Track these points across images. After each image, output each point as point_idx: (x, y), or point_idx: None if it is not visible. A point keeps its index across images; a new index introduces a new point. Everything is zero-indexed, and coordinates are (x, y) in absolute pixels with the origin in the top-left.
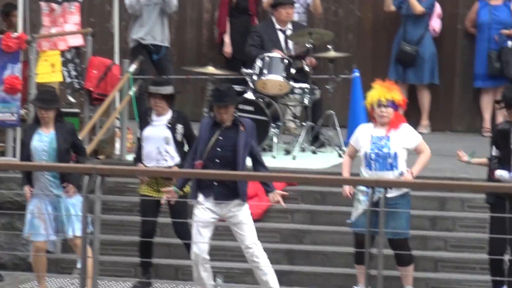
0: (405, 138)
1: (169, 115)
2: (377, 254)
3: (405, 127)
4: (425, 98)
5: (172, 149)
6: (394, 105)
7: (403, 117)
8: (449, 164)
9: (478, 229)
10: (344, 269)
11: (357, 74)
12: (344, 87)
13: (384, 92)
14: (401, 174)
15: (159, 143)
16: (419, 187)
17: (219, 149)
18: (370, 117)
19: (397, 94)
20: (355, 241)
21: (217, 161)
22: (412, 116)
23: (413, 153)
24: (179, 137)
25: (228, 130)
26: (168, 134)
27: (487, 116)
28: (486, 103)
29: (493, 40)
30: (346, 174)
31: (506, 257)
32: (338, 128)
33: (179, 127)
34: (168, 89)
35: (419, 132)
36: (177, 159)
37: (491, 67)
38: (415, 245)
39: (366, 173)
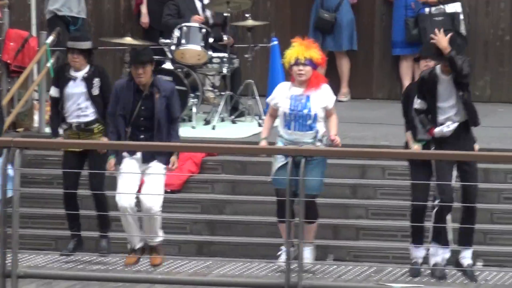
0: (324, 98)
1: (86, 69)
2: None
3: (325, 87)
4: (344, 66)
5: (90, 103)
6: (312, 63)
7: (324, 77)
8: (369, 132)
9: (399, 196)
10: (265, 238)
11: (275, 42)
12: (263, 55)
13: (302, 50)
14: (321, 140)
15: (78, 98)
16: (340, 155)
17: (142, 118)
18: (289, 77)
19: (316, 52)
20: (277, 200)
21: (142, 129)
22: (331, 84)
23: None
24: (96, 91)
25: (149, 98)
26: (85, 88)
27: (406, 83)
28: (406, 70)
29: (409, 7)
30: (265, 133)
31: (428, 222)
32: (258, 97)
33: (96, 81)
34: (86, 44)
35: (339, 100)
36: (96, 114)
37: (409, 34)
38: (336, 214)
39: (284, 133)
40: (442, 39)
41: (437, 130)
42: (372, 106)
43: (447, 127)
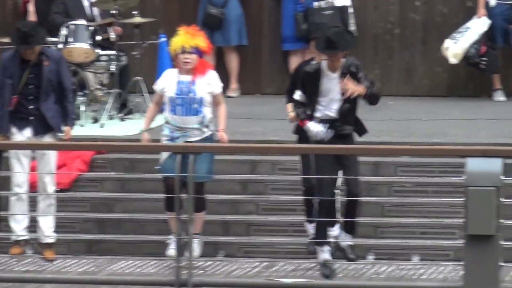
0: (210, 84)
1: None
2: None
3: (212, 73)
4: (233, 61)
5: None
6: (198, 51)
7: (210, 63)
8: (259, 127)
9: (289, 191)
10: (155, 236)
11: (164, 39)
12: (151, 52)
13: (188, 38)
14: (208, 126)
15: None
16: (230, 151)
17: (31, 86)
18: (175, 64)
19: (202, 41)
20: (165, 187)
21: (31, 97)
22: (221, 79)
23: None
24: None
25: (38, 66)
26: None
27: None
28: (295, 65)
29: (298, 1)
30: (146, 124)
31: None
32: (146, 94)
33: None
34: None
35: (228, 96)
36: None
37: (299, 29)
38: (226, 210)
39: (171, 118)
40: (352, 87)
41: (312, 128)
42: (261, 101)
43: (322, 132)
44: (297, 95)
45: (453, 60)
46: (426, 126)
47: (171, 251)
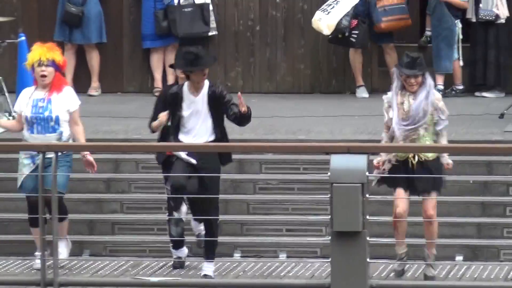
0: (67, 101)
1: None
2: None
3: (68, 89)
4: (94, 59)
5: None
6: (55, 65)
7: (65, 80)
8: (121, 126)
9: (153, 189)
10: (20, 236)
11: (23, 38)
12: (11, 51)
13: (44, 51)
14: (67, 141)
15: None
16: (93, 149)
17: None
18: (34, 81)
19: (58, 55)
20: (28, 204)
21: None
22: (82, 78)
23: None
24: None
25: None
26: None
27: (157, 76)
28: (157, 62)
29: None
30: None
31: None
32: (7, 94)
33: None
34: None
35: (90, 95)
36: None
37: (159, 27)
38: (91, 209)
39: (29, 136)
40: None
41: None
42: (123, 99)
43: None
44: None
45: (326, 31)
46: (290, 123)
47: (37, 265)
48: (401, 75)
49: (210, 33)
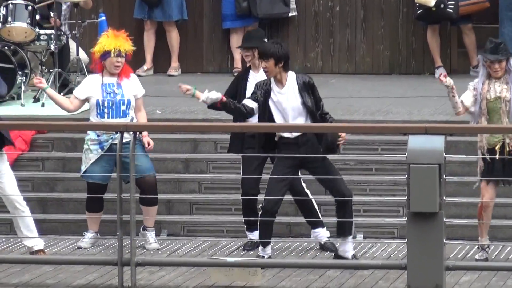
0: (135, 87)
1: None
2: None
3: (134, 76)
4: (174, 39)
5: None
6: (127, 55)
7: (130, 68)
8: (200, 106)
9: (231, 170)
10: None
11: (103, 18)
12: (92, 31)
13: (123, 42)
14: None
15: None
16: (172, 129)
17: None
18: (95, 66)
19: (130, 45)
20: (90, 190)
21: None
22: (162, 58)
23: None
24: None
25: None
26: None
27: (237, 56)
28: (236, 43)
29: None
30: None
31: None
32: (87, 73)
33: None
34: None
35: (169, 75)
36: None
37: (239, 7)
38: (169, 189)
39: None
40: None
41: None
42: (202, 80)
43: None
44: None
45: (432, 2)
46: (369, 104)
47: (85, 244)
48: (485, 61)
49: (290, 14)
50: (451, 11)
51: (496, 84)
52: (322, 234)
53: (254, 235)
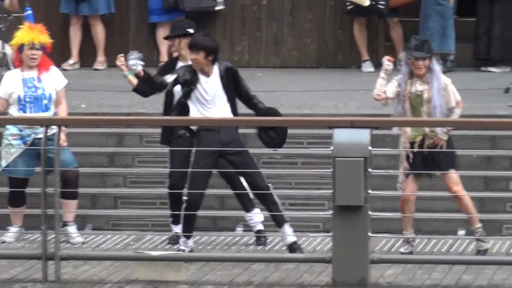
0: (55, 80)
1: None
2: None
3: (54, 69)
4: (99, 33)
5: None
6: (43, 48)
7: (50, 60)
8: (126, 100)
9: (156, 164)
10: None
11: (29, 11)
12: (18, 25)
13: (37, 34)
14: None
15: None
16: (97, 123)
17: None
18: (14, 60)
19: (47, 37)
20: (12, 185)
21: None
22: (87, 52)
23: None
24: None
25: None
26: None
27: (163, 50)
28: (162, 37)
29: None
30: None
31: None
32: (12, 68)
33: None
34: None
35: (95, 69)
36: None
37: (166, 1)
38: (94, 183)
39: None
40: None
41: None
42: None
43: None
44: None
45: (367, 2)
46: (295, 98)
47: (8, 238)
48: (409, 58)
49: (217, 8)
50: (382, 7)
51: (417, 83)
52: (256, 218)
53: (179, 229)
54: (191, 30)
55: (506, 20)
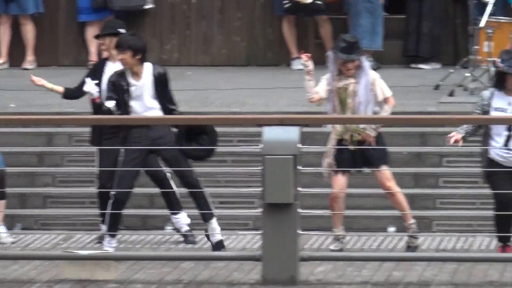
0: None
1: None
2: None
3: None
4: (29, 33)
5: None
6: None
7: None
8: (55, 99)
9: (86, 163)
10: None
11: None
12: None
13: None
14: None
15: None
16: (26, 123)
17: None
18: None
19: None
20: None
21: None
22: (17, 51)
23: None
24: None
25: None
26: None
27: (93, 49)
28: (91, 36)
29: None
30: None
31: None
32: None
33: None
34: None
35: (25, 68)
36: None
37: (95, 0)
38: (23, 183)
39: None
40: None
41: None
42: (58, 73)
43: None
44: (109, 104)
45: None
46: (225, 96)
47: None
48: (337, 59)
49: (146, 6)
50: (320, 2)
51: (345, 78)
52: (183, 220)
53: None
54: (122, 30)
55: (435, 17)
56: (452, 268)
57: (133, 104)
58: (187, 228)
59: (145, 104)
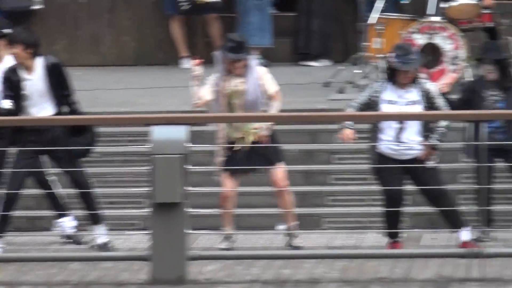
0: None
1: None
2: None
3: None
4: None
5: None
6: None
7: None
8: None
9: None
10: None
11: None
12: None
13: None
14: None
15: None
16: None
17: None
18: None
19: None
20: None
21: None
22: None
23: None
24: None
25: None
26: None
27: None
28: None
29: None
30: None
31: None
32: None
33: None
34: None
35: None
36: None
37: None
38: None
39: None
40: None
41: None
42: None
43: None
44: (7, 104)
45: None
46: (114, 96)
47: None
48: (226, 59)
49: (35, 7)
50: (219, 0)
51: (234, 78)
52: (67, 224)
53: None
54: (7, 31)
55: (325, 15)
56: (342, 265)
57: (28, 99)
58: (71, 231)
59: (39, 99)
